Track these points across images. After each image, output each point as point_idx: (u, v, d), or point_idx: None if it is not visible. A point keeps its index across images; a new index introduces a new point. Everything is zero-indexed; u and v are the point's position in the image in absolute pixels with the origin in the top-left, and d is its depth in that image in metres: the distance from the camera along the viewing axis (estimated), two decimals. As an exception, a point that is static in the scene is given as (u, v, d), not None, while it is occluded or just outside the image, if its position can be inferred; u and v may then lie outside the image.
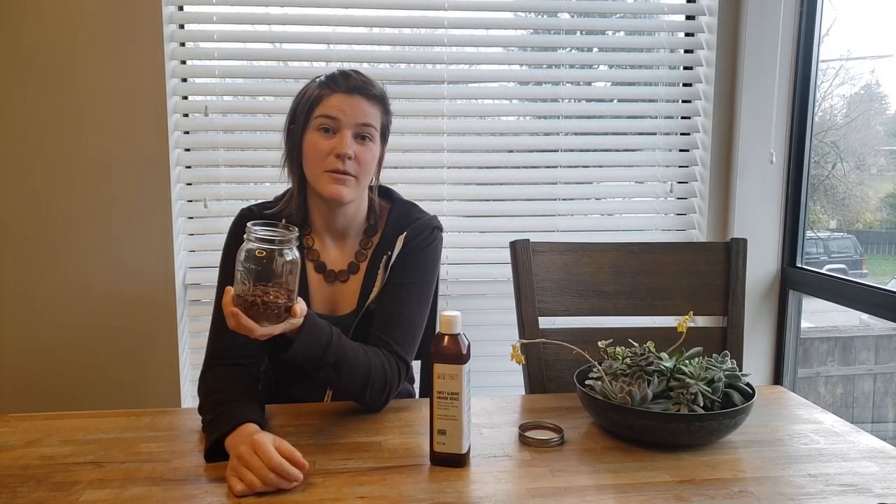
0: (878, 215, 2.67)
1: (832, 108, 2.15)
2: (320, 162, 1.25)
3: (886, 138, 2.54)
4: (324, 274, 1.33)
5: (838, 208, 2.66)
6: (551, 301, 1.52)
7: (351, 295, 1.33)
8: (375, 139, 1.28)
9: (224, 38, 1.99)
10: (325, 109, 1.25)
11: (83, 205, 1.94)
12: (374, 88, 1.28)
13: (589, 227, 2.18)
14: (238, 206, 2.03)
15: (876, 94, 2.43)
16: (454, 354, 1.01)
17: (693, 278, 1.55)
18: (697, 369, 1.13)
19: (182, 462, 1.05)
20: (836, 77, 2.06)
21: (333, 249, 1.35)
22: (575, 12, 2.14)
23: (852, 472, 1.03)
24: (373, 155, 1.28)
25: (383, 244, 1.33)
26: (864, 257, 2.75)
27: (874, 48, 2.23)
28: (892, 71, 2.23)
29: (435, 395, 1.02)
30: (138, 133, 1.93)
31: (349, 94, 1.25)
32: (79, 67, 1.89)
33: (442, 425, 1.02)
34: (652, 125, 2.16)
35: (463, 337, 1.02)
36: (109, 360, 1.98)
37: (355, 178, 1.25)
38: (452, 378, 1.01)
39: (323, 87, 1.27)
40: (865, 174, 2.59)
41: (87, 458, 1.06)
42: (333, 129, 1.24)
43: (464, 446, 1.03)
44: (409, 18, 2.05)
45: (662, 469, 1.03)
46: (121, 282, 1.97)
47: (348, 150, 1.23)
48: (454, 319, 1.02)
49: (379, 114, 1.29)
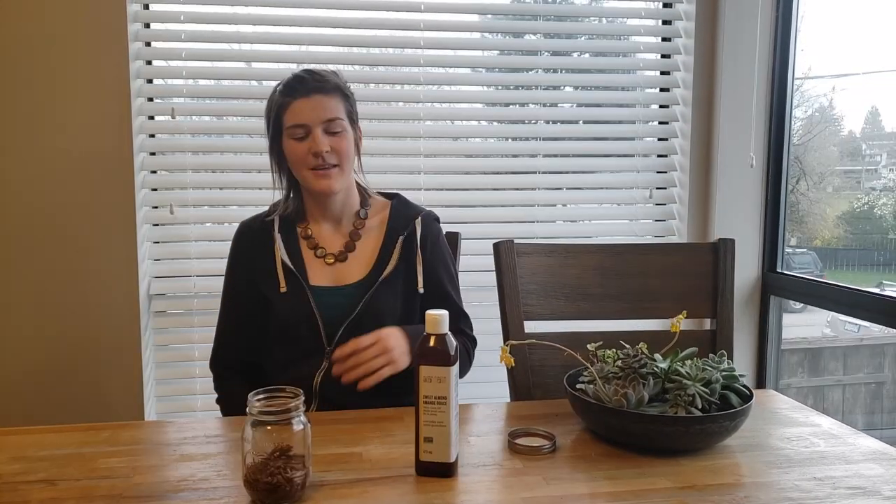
0: (836, 232, 2.74)
1: (791, 128, 2.22)
2: (302, 163, 1.35)
3: (841, 158, 2.63)
4: (323, 258, 1.40)
5: (799, 225, 2.73)
6: (537, 304, 1.46)
7: (354, 269, 1.39)
8: (345, 127, 1.36)
9: (192, 38, 1.92)
10: (292, 118, 1.33)
11: (41, 211, 1.83)
12: (329, 82, 1.35)
13: (568, 234, 2.15)
14: (206, 212, 1.98)
15: (830, 116, 2.53)
16: (442, 356, 0.94)
17: (681, 280, 1.51)
18: (694, 370, 1.09)
19: (145, 478, 0.96)
20: (794, 99, 2.13)
21: (330, 234, 1.43)
22: (553, 16, 2.12)
23: (858, 475, 0.99)
24: (347, 141, 1.35)
25: (395, 225, 1.42)
26: (824, 273, 2.81)
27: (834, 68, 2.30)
28: (847, 94, 2.31)
29: (421, 400, 0.95)
30: (100, 136, 1.83)
31: (308, 97, 1.33)
32: (37, 66, 1.79)
33: (429, 432, 0.95)
34: (631, 130, 2.14)
35: (450, 337, 0.96)
36: (68, 374, 1.87)
37: (338, 167, 1.35)
38: (440, 381, 0.94)
39: (284, 96, 1.34)
40: (822, 193, 2.66)
41: (38, 475, 0.97)
42: (305, 133, 1.33)
43: (452, 454, 0.96)
44: (383, 20, 2.00)
45: (661, 475, 0.98)
46: (81, 291, 1.86)
47: (323, 147, 1.32)
48: (441, 319, 0.96)
49: (341, 103, 1.36)
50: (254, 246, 1.40)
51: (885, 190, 2.50)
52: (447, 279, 1.44)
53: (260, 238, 1.40)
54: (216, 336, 1.45)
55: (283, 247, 1.37)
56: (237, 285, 1.43)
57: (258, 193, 1.98)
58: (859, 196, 2.62)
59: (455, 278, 1.48)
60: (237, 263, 1.43)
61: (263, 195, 1.93)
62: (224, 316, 1.44)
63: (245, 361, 1.43)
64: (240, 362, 1.43)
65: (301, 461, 0.90)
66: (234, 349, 1.43)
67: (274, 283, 1.35)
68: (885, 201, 2.51)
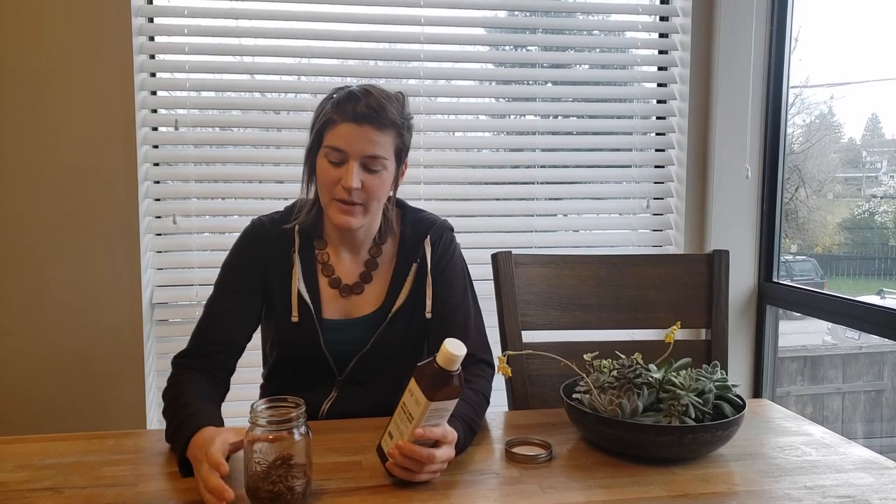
0: (836, 239, 2.76)
1: (791, 136, 2.24)
2: (329, 190, 1.23)
3: (841, 166, 2.65)
4: (338, 289, 1.32)
5: (799, 232, 2.75)
6: (534, 314, 1.48)
7: (367, 300, 1.32)
8: (386, 166, 1.24)
9: (195, 50, 1.95)
10: (333, 140, 1.21)
11: (46, 221, 1.86)
12: (385, 116, 1.21)
13: (566, 244, 2.17)
14: (209, 222, 2.00)
15: (830, 123, 2.55)
16: (429, 387, 0.94)
17: (676, 290, 1.53)
18: (687, 380, 1.11)
19: (149, 486, 0.98)
20: (793, 107, 2.15)
21: (348, 262, 1.33)
22: (550, 29, 2.14)
23: (848, 484, 1.01)
24: (382, 181, 1.24)
25: (407, 250, 1.32)
26: (824, 279, 2.82)
27: (832, 77, 2.33)
28: (846, 101, 2.33)
29: (399, 404, 0.99)
30: (105, 147, 1.86)
31: (357, 124, 1.19)
32: (43, 79, 1.82)
33: (392, 428, 1.00)
34: (628, 142, 2.16)
35: (454, 377, 0.94)
36: (71, 382, 1.89)
37: (363, 206, 1.23)
38: (416, 404, 0.95)
39: (335, 110, 1.21)
40: (823, 200, 2.69)
41: (44, 483, 0.99)
42: (341, 160, 1.21)
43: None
44: (384, 33, 2.03)
45: (655, 483, 1.00)
46: (85, 300, 1.88)
47: (354, 184, 1.20)
48: (455, 358, 0.93)
49: (391, 140, 1.23)
50: (268, 250, 1.29)
51: (886, 197, 2.52)
52: (462, 304, 1.32)
53: (275, 246, 1.29)
54: (198, 325, 1.29)
55: (302, 275, 1.28)
56: (242, 277, 1.29)
57: (261, 203, 2.01)
58: (860, 203, 2.64)
59: (472, 299, 1.36)
60: (245, 259, 1.30)
61: (266, 205, 1.95)
62: (214, 299, 1.29)
63: (219, 361, 1.25)
64: (214, 357, 1.24)
65: (302, 470, 0.92)
66: (215, 341, 1.25)
67: (286, 307, 1.28)
68: (885, 208, 2.53)
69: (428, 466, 0.97)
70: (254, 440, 0.91)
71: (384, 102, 1.21)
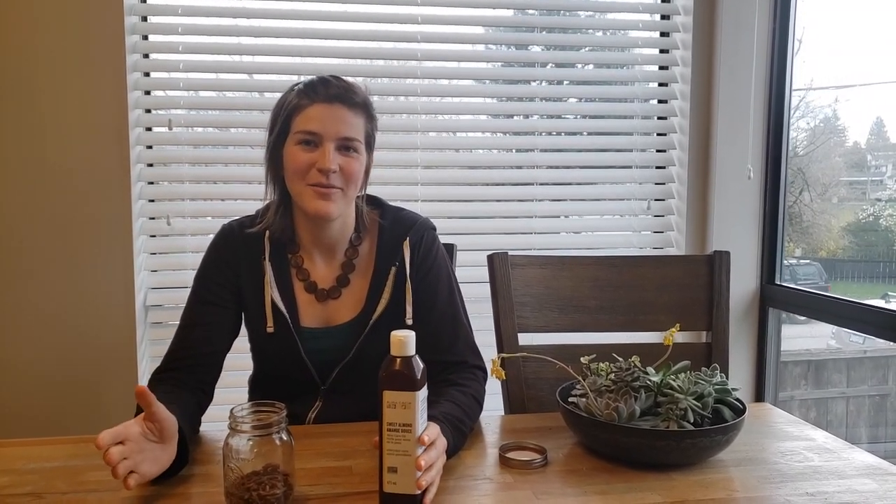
0: (841, 243, 2.74)
1: (796, 139, 2.21)
2: (302, 176, 1.17)
3: (846, 169, 2.64)
4: (315, 294, 1.26)
5: (803, 236, 2.73)
6: (531, 317, 1.46)
7: (345, 306, 1.26)
8: (360, 150, 1.19)
9: (189, 50, 1.93)
10: (305, 123, 1.16)
11: (39, 222, 1.84)
12: (356, 95, 1.19)
13: (567, 245, 2.14)
14: (204, 223, 1.97)
15: (834, 126, 2.54)
16: (407, 380, 0.89)
17: (676, 292, 1.50)
18: (686, 384, 1.08)
19: (132, 491, 0.95)
20: (797, 110, 2.13)
21: (322, 266, 1.27)
22: (550, 28, 2.12)
23: (851, 490, 0.98)
24: (359, 164, 1.19)
25: (385, 252, 1.26)
26: (828, 283, 2.80)
27: (837, 79, 2.31)
28: (851, 104, 2.31)
29: (385, 428, 0.89)
30: (98, 147, 1.84)
31: (329, 104, 1.16)
32: (35, 79, 1.80)
33: (392, 462, 0.89)
34: (629, 142, 2.14)
35: (417, 360, 0.91)
36: (64, 384, 1.87)
37: (342, 191, 1.17)
38: (405, 407, 0.89)
39: (301, 96, 1.18)
40: (827, 203, 2.67)
41: (25, 489, 0.97)
42: (315, 143, 1.16)
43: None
44: (380, 32, 2.00)
45: (652, 490, 0.97)
46: (77, 302, 1.86)
47: (331, 166, 1.15)
48: (407, 340, 0.91)
49: (363, 122, 1.20)
50: (239, 257, 1.25)
51: (891, 201, 2.49)
52: (448, 310, 1.27)
53: (245, 252, 1.24)
54: (173, 339, 1.24)
55: (275, 283, 1.22)
56: (214, 286, 1.25)
57: (255, 204, 1.97)
58: (864, 207, 2.61)
59: (459, 303, 1.30)
60: (215, 268, 1.26)
61: (259, 206, 1.93)
62: (188, 311, 1.25)
63: (195, 374, 1.21)
64: (190, 371, 1.20)
65: (283, 477, 0.89)
66: (191, 355, 1.21)
67: (260, 317, 1.22)
68: (890, 212, 2.51)
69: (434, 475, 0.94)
70: (232, 446, 0.88)
71: (352, 84, 1.20)
